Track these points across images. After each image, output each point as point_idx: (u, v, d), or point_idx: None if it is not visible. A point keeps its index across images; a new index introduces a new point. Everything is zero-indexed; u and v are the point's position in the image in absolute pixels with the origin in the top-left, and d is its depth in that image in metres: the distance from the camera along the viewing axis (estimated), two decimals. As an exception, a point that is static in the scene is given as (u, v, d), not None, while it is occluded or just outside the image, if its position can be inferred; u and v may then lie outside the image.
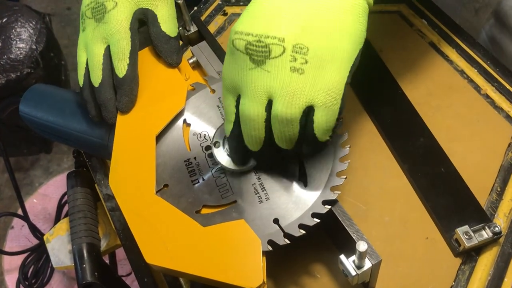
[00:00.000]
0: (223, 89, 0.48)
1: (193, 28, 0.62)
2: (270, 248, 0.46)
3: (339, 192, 0.48)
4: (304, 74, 0.43)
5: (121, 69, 0.53)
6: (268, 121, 0.45)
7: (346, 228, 0.48)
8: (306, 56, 0.43)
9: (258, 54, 0.44)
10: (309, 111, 0.44)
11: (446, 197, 0.58)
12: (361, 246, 0.43)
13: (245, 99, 0.45)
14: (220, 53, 0.60)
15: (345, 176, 0.49)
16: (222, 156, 0.50)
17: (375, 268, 0.47)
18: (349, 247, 0.48)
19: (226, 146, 0.50)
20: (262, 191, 0.49)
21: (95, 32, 0.55)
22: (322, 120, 0.44)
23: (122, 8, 0.55)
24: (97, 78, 0.53)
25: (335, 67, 0.44)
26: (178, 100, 0.54)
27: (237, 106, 0.46)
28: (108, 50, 0.54)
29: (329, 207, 0.48)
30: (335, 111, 0.44)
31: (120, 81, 0.53)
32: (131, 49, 0.54)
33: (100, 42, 0.54)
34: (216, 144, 0.51)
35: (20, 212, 1.02)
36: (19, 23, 1.40)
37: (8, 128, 1.34)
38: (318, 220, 0.47)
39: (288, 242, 0.46)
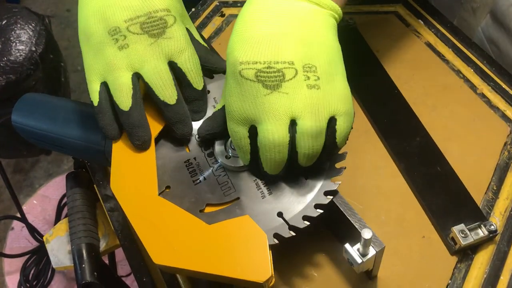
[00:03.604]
0: (231, 122, 0.48)
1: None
2: (276, 242, 0.46)
3: (340, 182, 0.49)
4: (321, 88, 0.46)
5: (199, 83, 0.53)
6: (291, 142, 0.46)
7: (349, 218, 0.49)
8: (316, 73, 0.46)
9: (271, 79, 0.45)
10: (330, 122, 0.46)
11: (442, 196, 0.58)
12: (366, 233, 0.45)
13: (266, 125, 0.45)
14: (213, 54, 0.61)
15: (345, 166, 0.50)
16: (222, 154, 0.51)
17: (379, 255, 0.48)
18: (351, 237, 0.49)
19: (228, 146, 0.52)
20: (264, 186, 0.50)
21: (154, 48, 0.50)
22: (344, 127, 0.47)
23: (181, 23, 0.53)
24: (172, 96, 0.50)
25: (340, 78, 0.48)
26: None
27: (250, 137, 0.47)
28: (172, 65, 0.51)
29: (331, 197, 0.49)
30: (352, 116, 0.48)
31: (199, 93, 0.53)
32: (199, 61, 0.53)
33: (163, 58, 0.51)
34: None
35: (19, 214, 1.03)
36: (19, 25, 1.40)
37: (8, 130, 1.35)
38: (322, 211, 0.48)
39: (294, 234, 0.47)
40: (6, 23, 1.40)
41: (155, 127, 0.53)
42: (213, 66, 0.56)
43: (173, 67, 0.51)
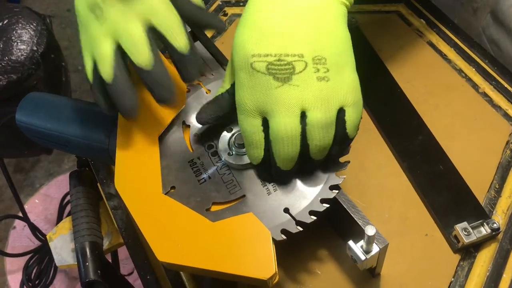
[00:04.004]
0: (243, 115, 0.47)
1: (187, 29, 0.63)
2: (284, 237, 0.47)
3: (344, 176, 0.50)
4: (330, 80, 0.46)
5: (181, 43, 0.49)
6: (302, 134, 0.46)
7: (352, 215, 0.49)
8: (326, 65, 0.46)
9: (282, 72, 0.46)
10: (339, 113, 0.47)
11: (445, 194, 0.58)
12: (370, 230, 0.45)
13: (278, 117, 0.46)
14: (214, 53, 0.61)
15: (349, 160, 0.50)
16: (226, 152, 0.52)
17: (382, 252, 0.48)
18: (354, 234, 0.49)
19: (232, 143, 0.52)
20: (269, 183, 0.50)
21: (126, 13, 0.48)
22: (353, 117, 0.47)
23: None
24: (145, 59, 0.48)
25: (349, 69, 0.48)
26: (178, 99, 0.55)
27: (265, 130, 0.47)
28: (151, 29, 0.49)
29: (337, 191, 0.49)
30: (361, 106, 0.48)
31: (181, 54, 0.49)
32: (180, 19, 0.50)
33: (136, 22, 0.48)
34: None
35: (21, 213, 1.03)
36: (20, 25, 1.40)
37: (10, 130, 1.35)
38: (328, 205, 0.48)
39: (301, 229, 0.47)
40: (8, 22, 1.40)
41: (159, 126, 0.53)
42: (204, 23, 0.53)
43: (153, 31, 0.49)
